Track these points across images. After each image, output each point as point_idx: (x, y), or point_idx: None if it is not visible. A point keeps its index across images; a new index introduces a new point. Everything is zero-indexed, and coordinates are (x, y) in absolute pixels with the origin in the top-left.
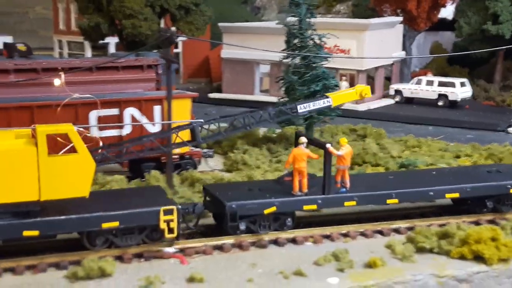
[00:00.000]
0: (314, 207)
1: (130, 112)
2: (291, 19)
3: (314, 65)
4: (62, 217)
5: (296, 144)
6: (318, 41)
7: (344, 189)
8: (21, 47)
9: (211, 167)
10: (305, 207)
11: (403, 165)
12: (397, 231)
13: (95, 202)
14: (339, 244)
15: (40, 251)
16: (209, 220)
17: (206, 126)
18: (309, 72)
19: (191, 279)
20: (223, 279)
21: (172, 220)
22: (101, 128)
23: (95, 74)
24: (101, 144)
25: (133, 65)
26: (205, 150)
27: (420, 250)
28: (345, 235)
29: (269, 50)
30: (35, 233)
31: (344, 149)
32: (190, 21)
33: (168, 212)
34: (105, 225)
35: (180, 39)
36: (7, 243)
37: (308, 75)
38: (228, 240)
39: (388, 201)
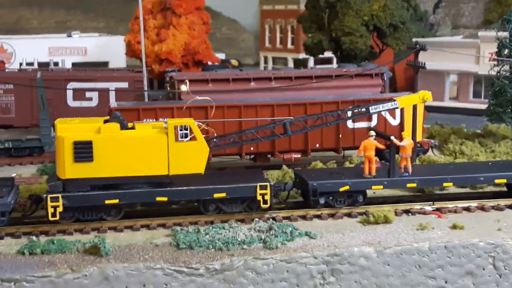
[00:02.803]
0: (381, 187)
1: None
2: (502, 34)
3: None
4: (185, 187)
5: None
6: None
7: (406, 174)
8: (234, 62)
9: (436, 154)
10: (373, 187)
11: None
12: None
13: (210, 178)
14: None
15: None
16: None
17: None
18: None
19: (453, 227)
20: (477, 228)
21: (266, 194)
22: (354, 121)
23: (335, 81)
24: (215, 135)
25: (365, 73)
26: (432, 141)
27: None
28: None
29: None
30: (164, 199)
31: (406, 141)
32: (397, 37)
33: (263, 187)
34: (216, 195)
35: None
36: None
37: None
38: (473, 204)
39: (445, 184)
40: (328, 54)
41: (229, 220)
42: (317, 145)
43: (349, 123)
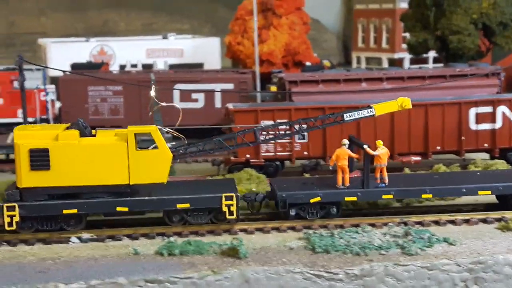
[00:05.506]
0: (354, 198)
1: (502, 109)
2: None
3: None
4: (146, 197)
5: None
6: None
7: (383, 184)
8: (326, 63)
9: None
10: (346, 199)
11: None
12: None
13: (175, 188)
14: None
15: None
16: None
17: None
18: None
19: None
20: None
21: (232, 205)
22: (478, 122)
23: (451, 81)
24: (186, 142)
25: (480, 73)
26: None
27: None
28: None
29: None
30: (125, 209)
31: (380, 150)
32: (507, 35)
33: (229, 198)
34: (179, 206)
35: None
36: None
37: None
38: None
39: (423, 195)
40: (431, 53)
41: (360, 223)
42: (438, 148)
43: (472, 124)
